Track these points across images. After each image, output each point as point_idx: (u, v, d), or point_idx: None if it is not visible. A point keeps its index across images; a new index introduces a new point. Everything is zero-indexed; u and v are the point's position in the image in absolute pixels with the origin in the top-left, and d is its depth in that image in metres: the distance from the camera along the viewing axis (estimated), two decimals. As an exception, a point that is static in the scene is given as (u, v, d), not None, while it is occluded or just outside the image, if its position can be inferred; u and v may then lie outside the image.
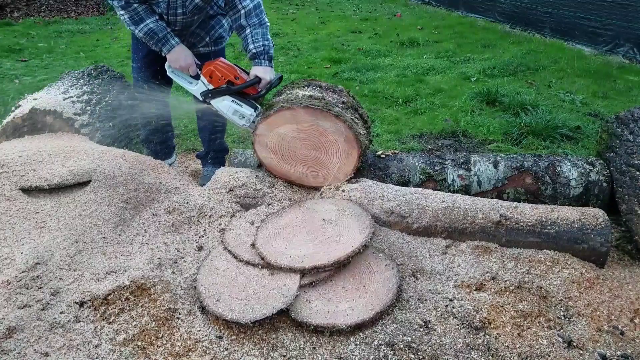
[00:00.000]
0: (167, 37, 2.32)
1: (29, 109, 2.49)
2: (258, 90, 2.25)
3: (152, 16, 2.29)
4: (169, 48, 2.34)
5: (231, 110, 2.24)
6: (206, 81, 2.26)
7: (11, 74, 5.35)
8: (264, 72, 2.26)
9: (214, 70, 2.24)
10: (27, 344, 1.47)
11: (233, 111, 2.24)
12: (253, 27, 2.31)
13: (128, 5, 2.25)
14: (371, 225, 1.86)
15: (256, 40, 2.30)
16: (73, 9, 9.83)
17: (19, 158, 2.10)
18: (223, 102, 2.25)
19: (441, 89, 4.51)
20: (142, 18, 2.28)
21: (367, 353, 1.51)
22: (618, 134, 2.32)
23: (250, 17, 2.31)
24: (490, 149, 3.28)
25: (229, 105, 2.24)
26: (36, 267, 1.69)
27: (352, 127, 2.07)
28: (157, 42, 2.33)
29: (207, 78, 2.26)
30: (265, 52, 2.30)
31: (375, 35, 6.97)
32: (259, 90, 2.25)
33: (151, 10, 2.30)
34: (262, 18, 2.34)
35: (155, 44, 2.34)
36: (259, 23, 2.32)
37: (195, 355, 1.50)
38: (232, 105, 2.24)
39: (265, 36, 2.32)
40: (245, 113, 2.23)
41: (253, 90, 2.25)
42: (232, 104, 2.24)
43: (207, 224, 2.07)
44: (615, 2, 5.34)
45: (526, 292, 1.78)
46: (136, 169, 2.19)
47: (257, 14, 2.32)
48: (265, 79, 2.25)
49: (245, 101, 2.24)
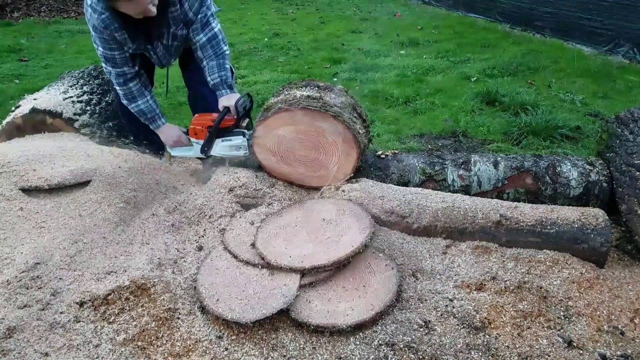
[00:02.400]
0: (154, 117, 2.51)
1: (29, 109, 2.49)
2: (233, 117, 2.35)
3: (143, 97, 2.46)
4: (156, 127, 2.53)
5: (227, 149, 2.36)
6: (195, 140, 2.39)
7: (11, 74, 5.35)
8: (227, 100, 2.38)
9: (194, 127, 2.37)
10: (27, 344, 1.47)
11: (229, 148, 2.35)
12: (209, 59, 2.44)
13: (124, 83, 2.41)
14: (371, 225, 1.86)
15: (212, 73, 2.43)
16: (73, 9, 9.82)
17: (19, 158, 2.10)
18: (218, 146, 2.36)
19: (441, 89, 4.51)
20: (134, 97, 2.45)
21: (367, 353, 1.51)
22: (618, 134, 2.32)
23: (204, 50, 2.42)
24: (490, 149, 3.28)
25: (223, 146, 2.35)
26: (36, 267, 1.69)
27: (350, 127, 2.06)
28: (146, 119, 2.51)
29: (194, 137, 2.39)
30: (223, 82, 2.43)
31: (375, 35, 6.97)
32: (234, 117, 2.35)
33: (144, 88, 2.47)
34: (219, 49, 2.43)
35: (144, 120, 2.52)
36: (214, 55, 2.43)
37: (195, 355, 1.50)
38: (225, 144, 2.35)
39: (222, 66, 2.43)
40: (237, 143, 2.33)
41: (230, 121, 2.35)
42: (223, 143, 2.35)
43: (207, 224, 2.07)
44: (615, 2, 5.34)
45: (526, 292, 1.78)
46: (136, 169, 2.19)
47: (212, 46, 2.42)
48: (231, 104, 2.34)
49: (232, 134, 2.35)
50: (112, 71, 2.38)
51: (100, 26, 2.18)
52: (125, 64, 2.37)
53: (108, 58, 2.33)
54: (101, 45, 2.27)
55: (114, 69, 2.37)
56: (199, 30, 2.38)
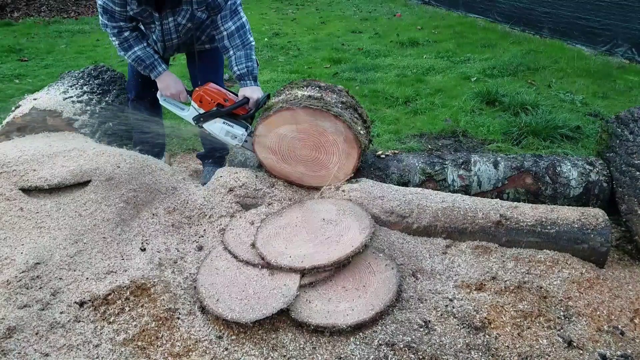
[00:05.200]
0: (154, 64, 2.42)
1: (29, 109, 2.49)
2: (248, 109, 2.32)
3: (140, 43, 2.37)
4: (156, 74, 2.45)
5: (223, 132, 2.31)
6: (197, 106, 2.34)
7: (11, 74, 5.35)
8: (251, 92, 2.33)
9: (204, 95, 2.31)
10: (27, 344, 1.47)
11: (225, 132, 2.31)
12: (236, 49, 2.38)
13: (119, 33, 2.33)
14: (371, 225, 1.86)
15: (239, 63, 2.37)
16: (73, 9, 9.83)
17: (19, 158, 2.10)
18: (215, 124, 2.32)
19: (441, 89, 4.51)
20: (130, 45, 2.36)
21: (367, 353, 1.51)
22: (618, 134, 2.32)
23: (232, 39, 2.37)
24: (490, 149, 3.28)
25: (221, 127, 2.31)
26: (36, 267, 1.69)
27: (351, 127, 2.07)
28: (145, 68, 2.42)
29: (197, 103, 2.34)
30: (250, 72, 2.38)
31: (375, 35, 6.97)
32: (249, 110, 2.32)
33: (141, 37, 2.38)
34: (246, 39, 2.39)
35: (144, 69, 2.43)
36: (242, 45, 2.38)
37: (195, 355, 1.50)
38: (224, 126, 2.31)
39: (249, 57, 2.39)
40: (236, 133, 2.30)
41: (243, 111, 2.32)
42: (223, 125, 2.31)
43: (207, 224, 2.07)
44: (613, 2, 5.34)
45: (526, 292, 1.78)
46: (136, 169, 2.19)
47: (240, 35, 2.37)
48: (253, 98, 2.31)
49: (236, 122, 2.31)
50: (108, 24, 2.29)
51: None
52: (122, 20, 2.28)
53: (107, 10, 2.23)
54: None
55: (110, 22, 2.28)
56: (227, 17, 2.33)
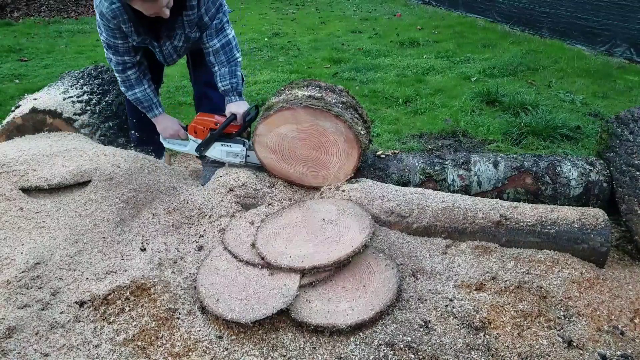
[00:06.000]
0: (151, 106, 2.53)
1: (29, 109, 2.49)
2: (238, 125, 2.37)
3: (141, 85, 2.47)
4: (153, 116, 2.56)
5: (224, 154, 2.38)
6: (193, 138, 2.43)
7: (11, 74, 5.35)
8: (237, 107, 2.40)
9: (196, 126, 2.40)
10: (27, 344, 1.47)
11: (226, 154, 2.38)
12: (221, 65, 2.43)
13: (123, 71, 2.41)
14: (371, 225, 1.86)
15: (224, 79, 2.43)
16: (73, 9, 9.83)
17: (19, 158, 2.10)
18: (215, 149, 2.39)
19: (441, 89, 4.51)
20: (132, 85, 2.46)
21: (367, 353, 1.51)
22: (618, 134, 2.32)
23: (217, 56, 2.43)
24: (490, 149, 3.28)
25: (221, 150, 2.38)
26: (36, 267, 1.69)
27: (352, 127, 2.06)
28: (143, 108, 2.53)
29: (193, 135, 2.43)
30: (234, 89, 2.44)
31: (375, 35, 6.97)
32: (239, 124, 2.37)
33: (142, 77, 2.47)
34: (231, 55, 2.44)
35: (142, 108, 2.55)
36: (227, 61, 2.43)
37: (195, 355, 1.50)
38: (223, 148, 2.38)
39: (234, 74, 2.44)
40: (235, 151, 2.36)
41: (234, 128, 2.37)
42: (222, 147, 2.38)
43: (207, 224, 2.07)
44: (612, 2, 5.33)
45: (526, 292, 1.78)
46: (136, 169, 2.19)
47: (226, 52, 2.42)
48: (240, 113, 2.36)
49: (232, 141, 2.38)
50: (113, 58, 2.36)
51: (109, 15, 2.15)
52: (127, 54, 2.35)
53: (110, 45, 2.31)
54: (105, 32, 2.26)
55: (115, 56, 2.35)
56: (213, 35, 2.38)
